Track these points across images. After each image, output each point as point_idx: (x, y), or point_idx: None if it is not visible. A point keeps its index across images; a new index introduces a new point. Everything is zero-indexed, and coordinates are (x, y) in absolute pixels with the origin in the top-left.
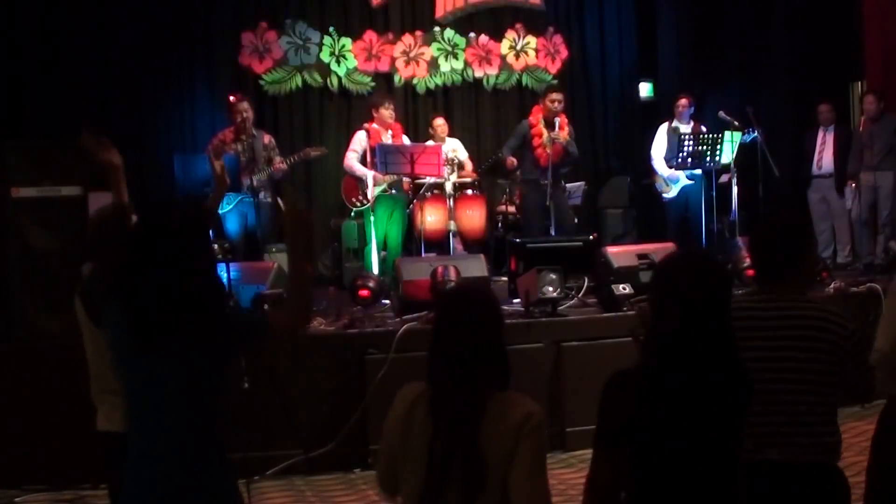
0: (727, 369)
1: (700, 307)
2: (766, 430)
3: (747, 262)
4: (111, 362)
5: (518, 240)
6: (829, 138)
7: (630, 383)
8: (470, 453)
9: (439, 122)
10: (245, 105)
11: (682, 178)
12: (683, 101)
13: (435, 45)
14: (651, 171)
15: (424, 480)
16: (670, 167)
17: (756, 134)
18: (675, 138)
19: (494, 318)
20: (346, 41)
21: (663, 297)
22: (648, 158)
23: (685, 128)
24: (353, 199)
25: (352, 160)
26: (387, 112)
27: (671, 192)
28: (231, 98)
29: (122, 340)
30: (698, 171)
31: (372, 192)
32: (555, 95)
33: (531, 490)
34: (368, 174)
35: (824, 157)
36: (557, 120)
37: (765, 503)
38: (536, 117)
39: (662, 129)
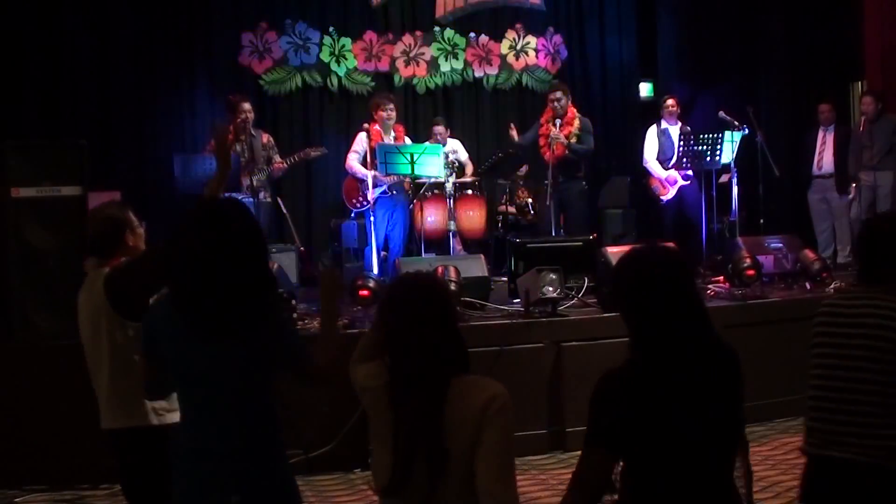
0: (710, 351)
1: (663, 296)
2: (831, 428)
3: (748, 262)
4: (147, 356)
5: (518, 240)
6: (829, 138)
7: (619, 382)
8: (433, 440)
9: (440, 129)
10: (248, 106)
11: (678, 180)
12: (671, 102)
13: (435, 45)
14: (646, 175)
15: (391, 466)
16: (666, 169)
17: (745, 130)
18: (666, 139)
19: (442, 303)
20: (346, 41)
21: (624, 295)
22: (643, 163)
23: (674, 128)
24: (354, 200)
25: (353, 161)
26: (384, 114)
27: (668, 194)
28: (232, 98)
29: (171, 334)
30: (690, 172)
31: (372, 193)
32: (553, 94)
33: (499, 474)
34: (369, 175)
35: (824, 157)
36: (559, 121)
37: (824, 500)
38: (546, 116)
39: (651, 132)
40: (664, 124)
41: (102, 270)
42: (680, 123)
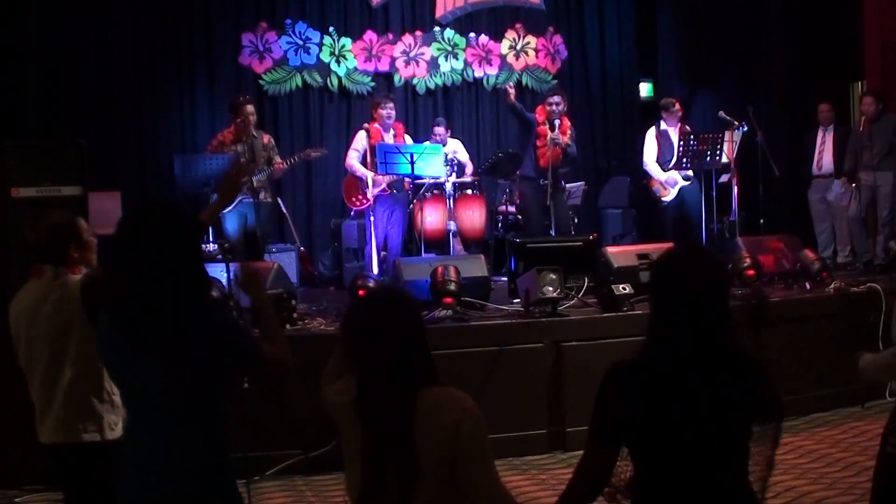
0: (728, 359)
1: (696, 301)
2: None
3: (748, 261)
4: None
5: (518, 240)
6: (829, 138)
7: (628, 378)
8: (403, 453)
9: (440, 131)
10: (251, 108)
11: (679, 180)
12: (677, 105)
13: (435, 45)
14: (646, 177)
15: (362, 479)
16: (666, 170)
17: (745, 128)
18: (666, 141)
19: (409, 317)
20: (346, 41)
21: (659, 292)
22: (642, 166)
23: (673, 130)
24: (353, 199)
25: (353, 160)
26: (384, 112)
27: (669, 196)
28: (237, 99)
29: (113, 347)
30: (690, 172)
31: (372, 192)
32: (553, 98)
33: (492, 487)
34: (368, 174)
35: (824, 157)
36: (558, 122)
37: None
38: (541, 117)
39: (651, 134)
40: (664, 126)
41: (71, 278)
42: (680, 125)
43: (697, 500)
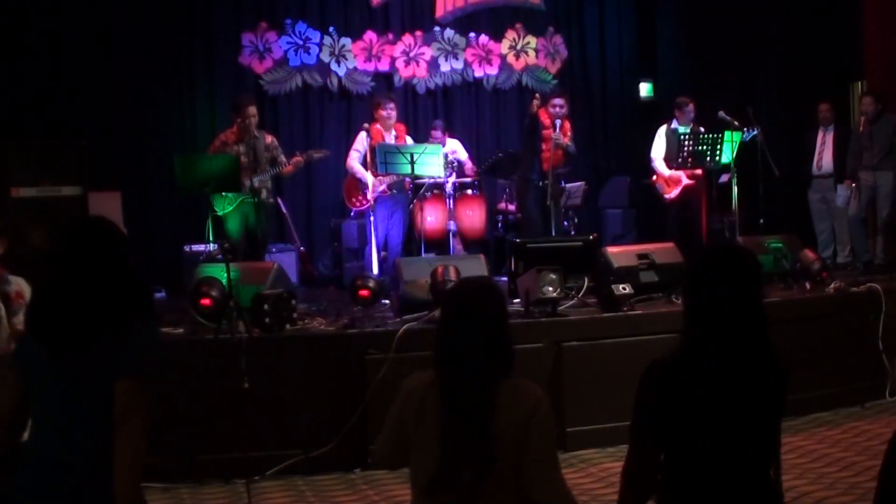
0: (761, 359)
1: (731, 300)
2: None
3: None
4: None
5: (518, 240)
6: (829, 138)
7: (665, 376)
8: (482, 440)
9: (437, 134)
10: (253, 109)
11: (683, 178)
12: (691, 105)
13: (435, 45)
14: (652, 173)
15: (439, 462)
16: (671, 168)
17: (756, 132)
18: (675, 139)
19: (500, 309)
20: (346, 41)
21: (696, 291)
22: (649, 161)
23: (685, 129)
24: (354, 200)
25: (354, 160)
26: (384, 113)
27: (672, 193)
28: (239, 99)
29: (30, 350)
30: (699, 171)
31: (372, 193)
32: (557, 101)
33: (552, 480)
34: (368, 177)
35: (824, 157)
36: (559, 122)
37: None
38: (546, 120)
39: (661, 131)
40: (675, 124)
41: None
42: (693, 125)
43: (725, 495)
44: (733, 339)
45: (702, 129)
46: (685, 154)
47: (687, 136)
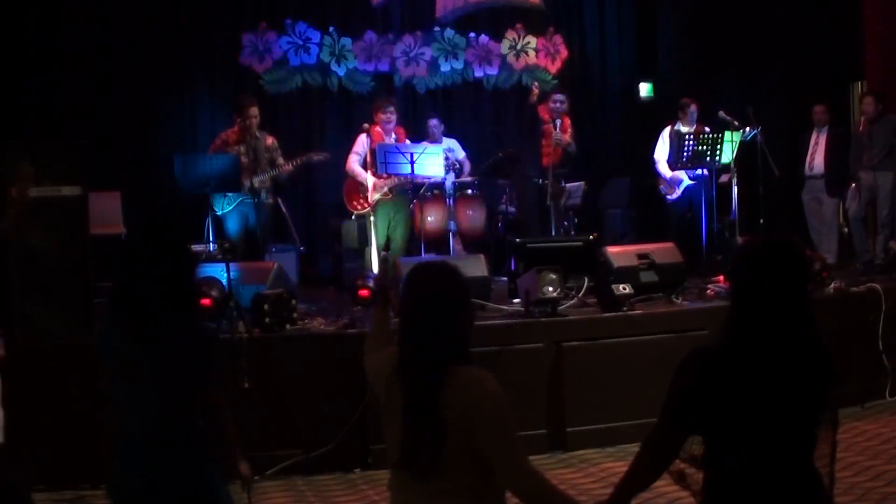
0: (807, 351)
1: (778, 291)
2: None
3: None
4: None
5: (518, 240)
6: (823, 140)
7: (709, 363)
8: (430, 420)
9: (434, 123)
10: (255, 110)
11: (685, 179)
12: (693, 106)
13: (435, 45)
14: (655, 175)
15: (400, 443)
16: (673, 169)
17: (756, 132)
18: (678, 140)
19: (451, 295)
20: (346, 41)
21: (743, 281)
22: (652, 163)
23: (688, 130)
24: (354, 203)
25: (354, 163)
26: (384, 117)
27: (675, 194)
28: (241, 100)
29: (110, 338)
30: (702, 172)
31: (372, 195)
32: (557, 96)
33: (513, 464)
34: (369, 178)
35: (815, 158)
36: (559, 121)
37: None
38: (546, 116)
39: (665, 133)
40: (679, 126)
41: None
42: (697, 126)
43: (769, 483)
44: (781, 329)
45: (707, 129)
46: (687, 155)
47: (689, 137)
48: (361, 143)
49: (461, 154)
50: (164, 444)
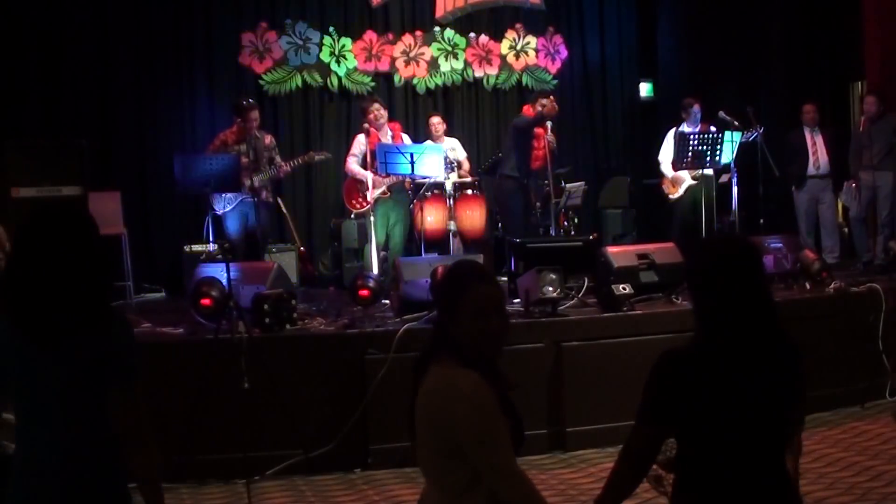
0: (773, 348)
1: (733, 289)
2: None
3: None
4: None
5: (518, 240)
6: (819, 139)
7: (680, 364)
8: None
9: (435, 120)
10: (256, 113)
11: (687, 179)
12: (696, 105)
13: (435, 45)
14: (658, 175)
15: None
16: (676, 169)
17: (759, 133)
18: (681, 140)
19: (451, 293)
20: (346, 41)
21: (702, 282)
22: (656, 164)
23: (692, 130)
24: (354, 202)
25: (352, 164)
26: (373, 115)
27: (676, 194)
28: (243, 103)
29: (9, 342)
30: (710, 171)
31: (372, 194)
32: (545, 100)
33: (495, 465)
34: (368, 176)
35: (819, 157)
36: (550, 123)
37: None
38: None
39: (669, 135)
40: (683, 127)
41: None
42: (700, 125)
43: (740, 480)
44: (744, 325)
45: (712, 129)
46: (690, 155)
47: (691, 137)
48: (358, 143)
49: (462, 154)
50: (73, 458)
